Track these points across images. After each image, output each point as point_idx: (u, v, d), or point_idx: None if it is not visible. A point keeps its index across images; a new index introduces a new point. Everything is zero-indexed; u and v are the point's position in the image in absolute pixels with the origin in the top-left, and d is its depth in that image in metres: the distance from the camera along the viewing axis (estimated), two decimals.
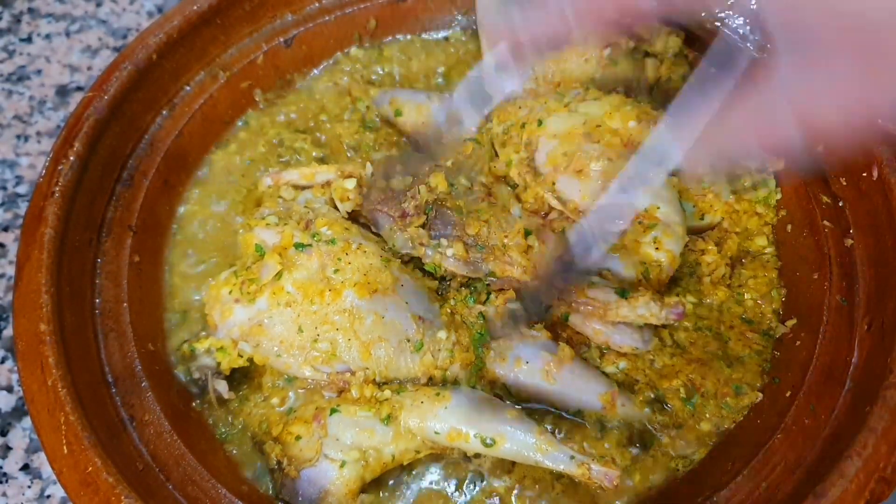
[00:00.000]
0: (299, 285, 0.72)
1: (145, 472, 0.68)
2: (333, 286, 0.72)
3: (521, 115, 0.86)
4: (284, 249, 0.74)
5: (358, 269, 0.73)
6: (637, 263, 0.77)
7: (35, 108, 1.10)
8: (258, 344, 0.73)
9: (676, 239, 0.78)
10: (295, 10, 0.98)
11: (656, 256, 0.77)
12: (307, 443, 0.69)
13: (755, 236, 0.85)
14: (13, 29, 1.19)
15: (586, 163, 0.79)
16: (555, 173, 0.81)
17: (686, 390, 0.76)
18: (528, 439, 0.67)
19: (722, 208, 0.84)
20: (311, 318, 0.71)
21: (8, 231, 0.99)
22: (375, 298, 0.72)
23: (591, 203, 0.79)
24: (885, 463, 0.62)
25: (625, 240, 0.77)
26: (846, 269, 0.77)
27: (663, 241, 0.77)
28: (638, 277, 0.77)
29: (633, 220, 0.77)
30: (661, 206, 0.78)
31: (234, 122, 0.95)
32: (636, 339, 0.77)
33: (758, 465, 0.69)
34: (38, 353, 0.68)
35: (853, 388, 0.69)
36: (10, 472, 0.82)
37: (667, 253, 0.77)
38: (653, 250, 0.77)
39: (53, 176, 0.76)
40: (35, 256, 0.72)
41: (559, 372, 0.73)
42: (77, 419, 0.65)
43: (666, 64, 0.94)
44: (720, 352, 0.78)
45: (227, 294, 0.74)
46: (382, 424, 0.70)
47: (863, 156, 0.77)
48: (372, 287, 0.72)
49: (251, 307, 0.73)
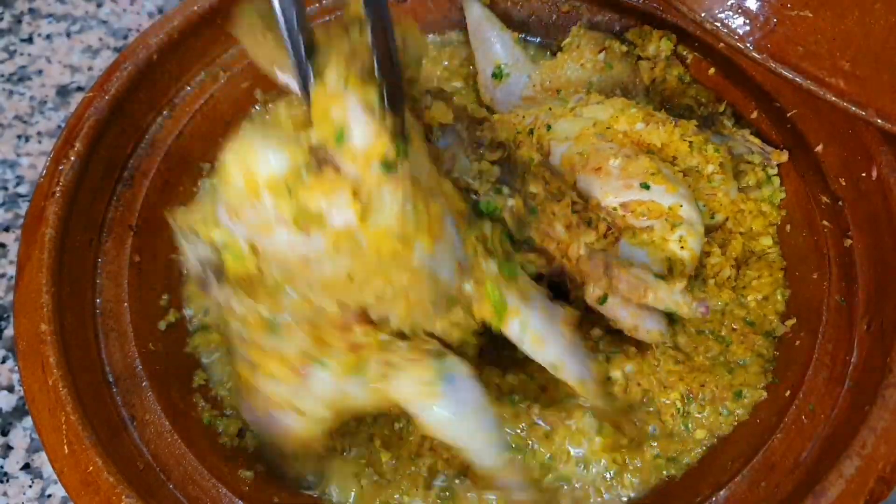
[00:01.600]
0: (374, 237, 0.56)
1: (146, 472, 0.68)
2: (406, 237, 0.56)
3: (526, 123, 0.85)
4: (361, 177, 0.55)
5: (436, 214, 0.58)
6: (664, 259, 0.76)
7: (36, 109, 1.10)
8: (288, 272, 0.57)
9: (698, 237, 0.77)
10: None
11: (680, 254, 0.76)
12: (278, 387, 0.62)
13: (760, 236, 0.85)
14: (14, 29, 1.19)
15: (604, 160, 0.77)
16: (573, 173, 0.79)
17: (682, 404, 0.75)
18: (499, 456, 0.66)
19: (730, 206, 0.83)
20: (369, 270, 0.57)
21: (9, 231, 0.99)
22: (437, 246, 0.59)
23: (613, 200, 0.77)
24: (884, 463, 0.62)
25: (653, 235, 0.76)
26: (845, 269, 0.77)
27: (688, 240, 0.76)
28: (664, 272, 0.75)
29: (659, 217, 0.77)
30: (684, 205, 0.76)
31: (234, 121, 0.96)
32: (664, 326, 0.76)
33: (757, 464, 0.69)
34: (38, 353, 0.68)
35: (853, 387, 0.70)
36: (10, 471, 0.82)
37: (690, 251, 0.76)
38: (678, 248, 0.76)
39: (54, 176, 0.76)
40: (36, 256, 0.72)
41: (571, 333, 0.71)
42: (78, 419, 0.65)
43: (659, 66, 0.95)
44: (722, 357, 0.78)
45: (270, 190, 0.54)
46: (364, 389, 0.62)
47: (862, 156, 0.77)
48: (437, 234, 0.59)
49: (300, 238, 0.55)
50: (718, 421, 0.75)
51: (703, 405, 0.75)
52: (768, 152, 0.86)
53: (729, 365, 0.77)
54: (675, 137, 0.79)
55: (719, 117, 0.91)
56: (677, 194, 0.77)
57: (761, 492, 0.68)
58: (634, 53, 0.95)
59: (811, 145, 0.84)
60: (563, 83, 0.91)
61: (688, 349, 0.78)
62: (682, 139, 0.79)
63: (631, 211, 0.77)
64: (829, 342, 0.74)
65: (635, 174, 0.77)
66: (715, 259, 0.82)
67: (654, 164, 0.77)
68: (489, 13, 0.96)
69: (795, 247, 0.83)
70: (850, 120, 0.77)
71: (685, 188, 0.79)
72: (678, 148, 0.80)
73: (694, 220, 0.77)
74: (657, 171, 0.77)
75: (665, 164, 0.79)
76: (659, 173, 0.77)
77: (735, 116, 0.93)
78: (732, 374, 0.76)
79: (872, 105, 0.67)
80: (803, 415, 0.71)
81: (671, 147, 0.80)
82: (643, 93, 0.94)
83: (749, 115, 0.92)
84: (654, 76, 0.95)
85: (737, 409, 0.75)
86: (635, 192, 0.76)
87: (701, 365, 0.77)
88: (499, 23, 0.95)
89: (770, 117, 0.89)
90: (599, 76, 0.91)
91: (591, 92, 0.89)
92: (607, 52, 0.91)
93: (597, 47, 0.91)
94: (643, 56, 0.95)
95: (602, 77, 0.91)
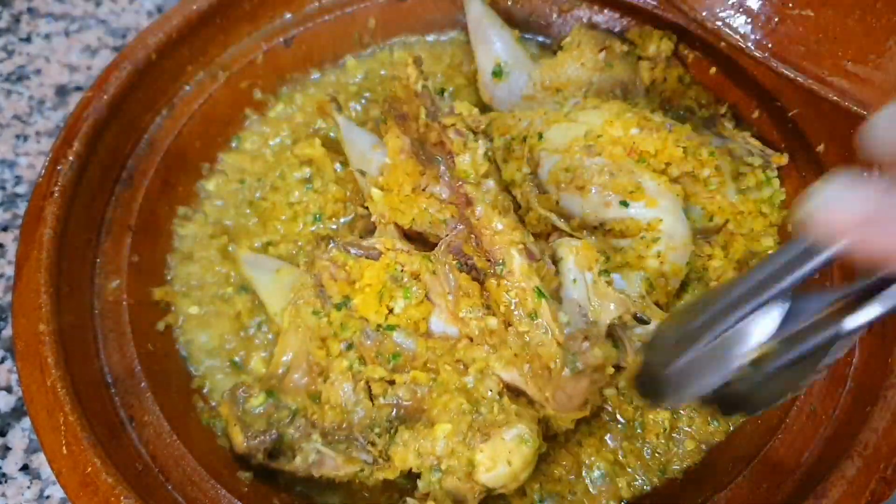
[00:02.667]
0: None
1: (145, 473, 0.68)
2: None
3: (521, 128, 0.85)
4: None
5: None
6: (642, 279, 0.76)
7: (34, 108, 1.10)
8: None
9: (680, 250, 0.77)
10: (294, 10, 0.98)
11: (662, 269, 0.76)
12: None
13: (761, 237, 0.85)
14: (12, 28, 1.19)
15: (588, 179, 0.78)
16: (557, 192, 0.80)
17: (669, 423, 0.75)
18: None
19: (729, 209, 0.83)
20: None
21: (7, 231, 0.99)
22: None
23: (594, 218, 0.78)
24: (885, 463, 0.62)
25: (626, 257, 0.76)
26: (846, 269, 0.77)
27: (667, 255, 0.76)
28: (644, 292, 0.75)
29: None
30: (665, 219, 0.77)
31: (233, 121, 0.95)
32: None
33: (758, 465, 0.69)
34: (37, 354, 0.67)
35: (854, 388, 0.69)
36: (9, 472, 0.82)
37: (672, 265, 0.77)
38: (657, 264, 0.76)
39: (53, 176, 0.76)
40: (34, 256, 0.72)
41: None
42: (76, 419, 0.65)
43: (660, 67, 0.95)
44: None
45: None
46: None
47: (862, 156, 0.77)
48: None
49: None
50: (708, 430, 0.75)
51: (692, 417, 0.75)
52: (769, 155, 0.86)
53: None
54: (669, 144, 0.79)
55: (720, 119, 0.91)
56: (658, 208, 0.77)
57: (763, 492, 0.68)
58: (635, 53, 0.95)
59: (812, 145, 0.84)
60: (564, 82, 0.91)
61: None
62: (675, 145, 0.79)
63: (609, 230, 0.77)
64: None
65: (616, 191, 0.77)
66: (718, 262, 0.82)
67: (634, 182, 0.77)
68: (490, 11, 0.95)
69: None
70: (851, 119, 0.77)
71: (670, 200, 0.78)
72: (672, 154, 0.79)
73: (676, 233, 0.77)
74: (637, 188, 0.77)
75: (654, 175, 0.78)
76: (638, 190, 0.77)
77: (736, 118, 0.93)
78: None
79: (874, 104, 0.67)
80: (805, 415, 0.71)
81: (665, 153, 0.80)
82: (643, 93, 0.94)
83: (750, 115, 0.92)
84: (654, 76, 0.95)
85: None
86: (613, 211, 0.77)
87: None
88: (499, 21, 0.95)
89: (771, 117, 0.89)
90: (599, 75, 0.91)
91: (589, 95, 0.89)
92: (608, 51, 0.91)
93: (597, 47, 0.91)
94: (644, 56, 0.95)
95: (602, 76, 0.91)
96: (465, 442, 0.66)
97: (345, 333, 0.70)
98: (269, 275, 0.82)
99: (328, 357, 0.71)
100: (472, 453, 0.65)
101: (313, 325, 0.72)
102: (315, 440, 0.69)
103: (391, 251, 0.72)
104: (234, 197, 0.92)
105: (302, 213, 0.88)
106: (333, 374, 0.70)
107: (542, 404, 0.67)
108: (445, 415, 0.67)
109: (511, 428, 0.65)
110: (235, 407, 0.71)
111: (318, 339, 0.72)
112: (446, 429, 0.66)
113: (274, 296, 0.80)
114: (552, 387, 0.66)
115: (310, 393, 0.72)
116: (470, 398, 0.68)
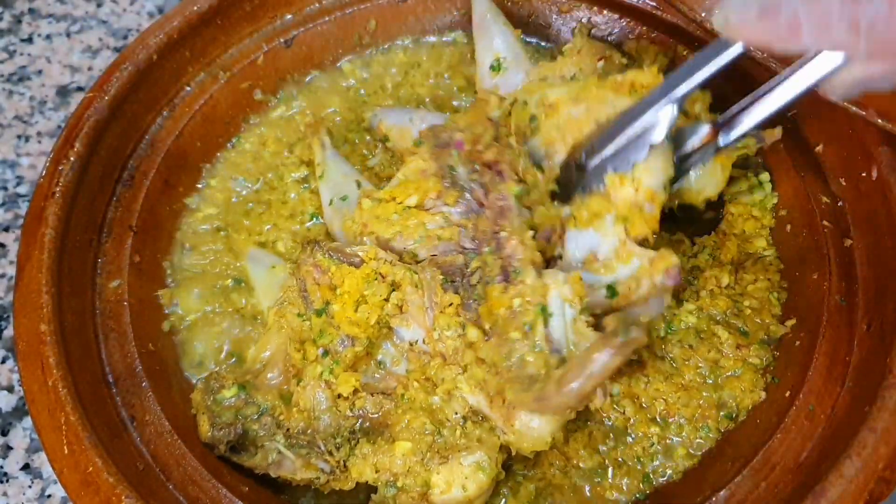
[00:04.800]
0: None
1: (146, 472, 0.68)
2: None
3: (506, 106, 0.81)
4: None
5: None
6: (616, 219, 0.70)
7: (36, 109, 1.10)
8: None
9: (656, 172, 0.69)
10: (295, 11, 0.98)
11: (635, 199, 0.70)
12: None
13: (753, 238, 0.85)
14: (14, 29, 1.19)
15: (576, 128, 0.74)
16: (552, 151, 0.76)
17: (660, 436, 0.74)
18: None
19: (724, 180, 0.80)
20: None
21: (8, 231, 0.99)
22: None
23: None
24: (884, 463, 0.62)
25: (589, 207, 0.72)
26: (846, 270, 0.77)
27: (641, 180, 0.69)
28: (623, 237, 0.70)
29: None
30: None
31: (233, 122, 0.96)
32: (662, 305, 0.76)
33: (757, 465, 0.69)
34: (38, 353, 0.68)
35: (852, 388, 0.69)
36: (10, 471, 0.82)
37: (646, 192, 0.70)
38: (632, 193, 0.70)
39: (54, 176, 0.76)
40: (36, 256, 0.72)
41: None
42: (77, 419, 0.65)
43: None
44: (712, 375, 0.76)
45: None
46: None
47: (862, 156, 0.77)
48: None
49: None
50: (697, 436, 0.75)
51: (681, 426, 0.75)
52: (762, 137, 0.84)
53: (717, 385, 0.76)
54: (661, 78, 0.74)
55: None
56: None
57: (761, 492, 0.68)
58: (633, 67, 0.94)
59: (811, 145, 0.84)
60: None
61: (679, 360, 0.77)
62: None
63: None
64: (829, 342, 0.74)
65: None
66: (710, 272, 0.81)
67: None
68: (495, 8, 0.96)
69: (795, 247, 0.83)
70: (850, 120, 0.77)
71: None
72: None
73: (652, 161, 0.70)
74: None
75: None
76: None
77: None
78: (721, 390, 0.76)
79: (872, 105, 0.67)
80: (803, 415, 0.71)
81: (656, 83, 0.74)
82: None
83: None
84: None
85: (719, 426, 0.75)
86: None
87: (686, 385, 0.76)
88: (503, 18, 0.95)
89: (770, 117, 0.89)
90: None
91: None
92: (606, 61, 0.90)
93: (597, 55, 0.90)
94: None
95: None
96: (423, 462, 0.67)
97: (323, 340, 0.70)
98: (265, 270, 0.83)
99: (304, 360, 0.71)
100: (428, 474, 0.66)
101: (296, 326, 0.73)
102: (278, 440, 0.70)
103: (374, 260, 0.72)
104: (234, 197, 0.92)
105: (299, 212, 0.89)
106: (306, 379, 0.70)
107: (504, 431, 0.67)
108: (408, 433, 0.68)
109: (471, 454, 0.66)
110: (207, 395, 0.72)
111: (297, 341, 0.72)
112: (406, 447, 0.67)
113: (266, 292, 0.81)
114: (515, 415, 0.66)
115: (281, 393, 0.72)
116: (434, 419, 0.68)
